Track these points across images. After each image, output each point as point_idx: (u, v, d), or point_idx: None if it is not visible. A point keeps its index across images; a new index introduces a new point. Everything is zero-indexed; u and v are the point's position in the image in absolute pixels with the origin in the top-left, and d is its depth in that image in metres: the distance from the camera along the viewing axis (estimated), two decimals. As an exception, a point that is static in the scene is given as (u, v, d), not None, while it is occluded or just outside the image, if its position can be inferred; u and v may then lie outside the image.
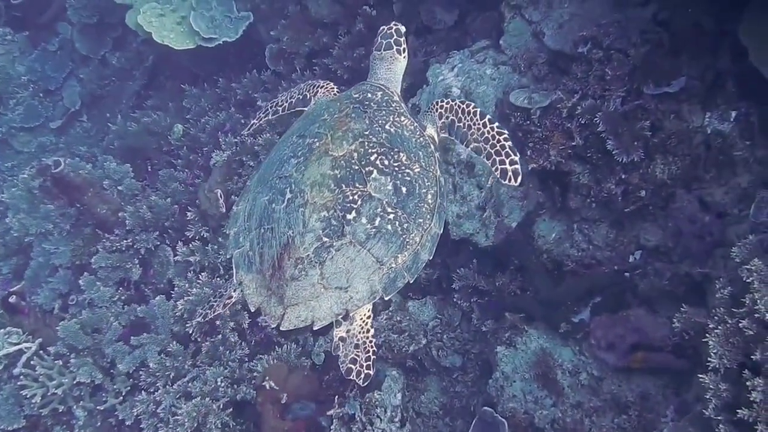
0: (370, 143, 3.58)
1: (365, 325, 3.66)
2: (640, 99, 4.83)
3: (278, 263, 3.43)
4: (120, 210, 6.78)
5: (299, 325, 3.43)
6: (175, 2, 7.79)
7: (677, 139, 4.76)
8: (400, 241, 3.48)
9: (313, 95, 4.39)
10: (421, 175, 3.63)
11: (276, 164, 3.74)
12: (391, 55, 4.22)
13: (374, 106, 3.81)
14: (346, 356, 3.61)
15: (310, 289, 3.40)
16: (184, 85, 8.13)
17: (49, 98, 9.94)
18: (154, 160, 7.69)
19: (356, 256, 3.41)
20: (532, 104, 5.07)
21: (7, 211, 7.41)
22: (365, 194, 3.45)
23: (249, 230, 3.67)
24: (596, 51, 5.03)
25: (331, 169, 3.50)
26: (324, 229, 3.39)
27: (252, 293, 3.57)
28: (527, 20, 5.56)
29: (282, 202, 3.51)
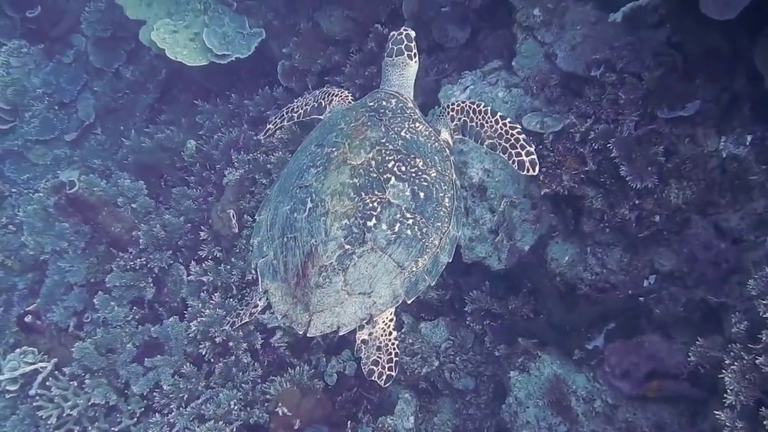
0: (387, 151, 3.64)
1: (387, 328, 3.70)
2: (653, 123, 4.79)
3: (302, 271, 3.48)
4: (134, 228, 6.81)
5: (325, 331, 3.50)
6: (188, 19, 7.81)
7: (692, 163, 4.72)
8: (420, 245, 3.53)
9: (328, 103, 4.44)
10: (438, 180, 3.68)
11: (296, 174, 3.79)
12: (403, 61, 4.24)
13: (389, 113, 3.87)
14: (368, 358, 3.62)
15: (335, 295, 3.46)
16: (197, 100, 8.14)
17: (63, 111, 9.98)
18: (168, 177, 7.70)
19: (378, 262, 3.46)
20: (545, 129, 5.03)
21: (23, 228, 7.45)
22: (384, 201, 3.50)
23: (272, 239, 3.73)
24: (609, 74, 4.99)
25: (350, 177, 3.55)
26: (346, 236, 3.44)
27: (278, 301, 3.62)
28: (539, 41, 5.52)
29: (304, 212, 3.56)
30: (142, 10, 8.17)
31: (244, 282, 6.28)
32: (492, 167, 5.32)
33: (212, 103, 8.10)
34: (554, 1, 5.43)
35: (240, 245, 6.37)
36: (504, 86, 5.53)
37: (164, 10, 8.08)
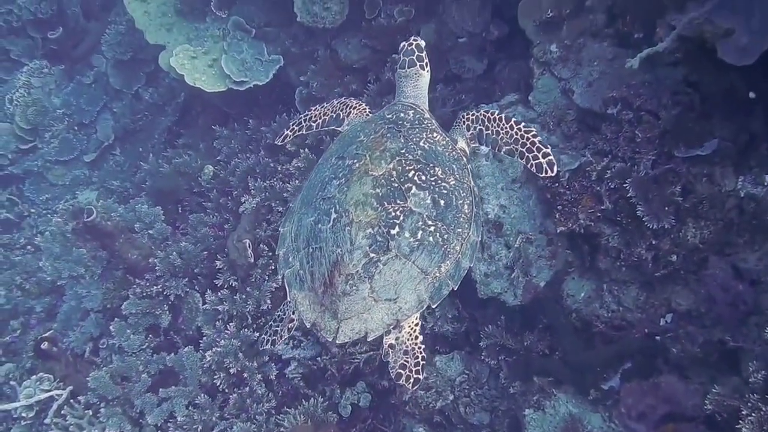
0: (407, 161, 3.76)
1: (413, 333, 3.82)
2: (670, 162, 4.77)
3: (329, 280, 3.59)
4: (150, 255, 6.85)
5: (354, 338, 3.61)
6: (207, 45, 7.86)
7: (709, 203, 4.68)
8: (442, 252, 3.67)
9: (346, 115, 4.60)
10: (457, 187, 3.81)
11: (318, 186, 3.91)
12: (416, 72, 4.38)
13: (407, 124, 4.00)
14: (395, 362, 3.76)
15: (362, 302, 3.57)
16: (215, 126, 8.17)
17: (83, 131, 10.10)
18: (185, 202, 7.75)
19: (402, 269, 3.58)
20: (561, 167, 5.02)
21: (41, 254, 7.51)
22: (406, 209, 3.62)
23: (297, 250, 3.84)
24: (626, 112, 4.98)
25: (372, 188, 3.66)
26: (370, 245, 3.55)
27: (306, 310, 3.74)
28: (556, 77, 5.51)
29: (328, 222, 3.67)
30: (162, 35, 8.23)
31: (259, 311, 6.29)
32: (508, 203, 5.31)
33: (230, 128, 8.14)
34: (571, 38, 5.42)
35: (255, 275, 6.39)
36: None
37: (184, 36, 8.14)
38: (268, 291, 6.25)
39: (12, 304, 7.94)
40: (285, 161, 7.20)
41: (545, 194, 5.15)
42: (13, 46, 10.71)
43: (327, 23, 7.06)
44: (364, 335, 3.61)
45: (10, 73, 10.64)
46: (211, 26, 8.05)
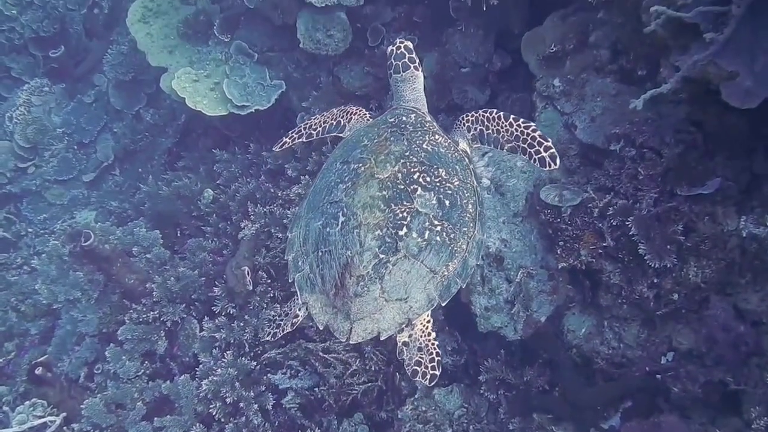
0: (411, 163, 3.85)
1: (426, 329, 3.89)
2: (673, 200, 4.76)
3: (341, 282, 3.67)
4: (148, 280, 6.80)
5: (366, 338, 3.69)
6: (209, 68, 7.87)
7: (711, 242, 4.67)
8: (449, 251, 3.75)
9: (347, 121, 4.70)
10: (461, 188, 3.91)
11: (324, 191, 3.99)
12: (411, 74, 4.43)
13: (410, 128, 4.10)
14: (410, 359, 3.82)
15: (373, 303, 3.65)
16: (216, 149, 8.15)
17: (82, 151, 10.06)
18: (184, 226, 7.70)
19: (411, 269, 3.66)
20: (563, 202, 5.00)
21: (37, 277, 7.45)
22: (413, 211, 3.70)
23: (306, 254, 3.92)
24: (629, 149, 4.98)
25: (378, 190, 3.75)
26: (380, 246, 3.64)
27: (318, 312, 3.83)
28: (559, 111, 5.53)
29: (336, 226, 3.76)
30: (164, 57, 8.24)
31: (257, 340, 6.24)
32: (509, 237, 5.29)
33: (230, 151, 8.12)
34: (575, 72, 5.43)
35: (254, 302, 6.34)
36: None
37: (186, 59, 8.15)
38: (267, 319, 6.17)
39: (6, 325, 7.86)
40: (285, 186, 7.17)
41: (547, 229, 5.13)
42: (14, 64, 10.71)
43: (330, 50, 7.09)
44: (377, 335, 3.69)
45: (11, 90, 10.63)
46: (213, 50, 8.06)
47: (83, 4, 10.69)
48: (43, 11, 10.58)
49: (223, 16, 7.90)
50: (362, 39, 7.21)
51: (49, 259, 7.29)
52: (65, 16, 10.58)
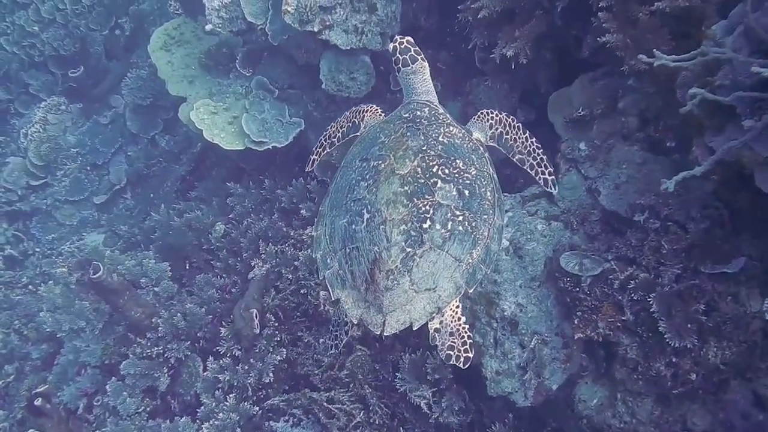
0: (429, 157, 3.98)
1: (455, 315, 4.02)
2: (696, 278, 4.63)
3: (371, 277, 3.78)
4: (154, 314, 6.71)
5: (399, 329, 3.79)
6: (229, 101, 7.82)
7: (733, 323, 4.54)
8: (472, 239, 3.88)
9: (360, 120, 4.80)
10: (478, 177, 4.06)
11: (346, 189, 4.10)
12: (420, 66, 4.53)
13: (425, 122, 4.22)
14: (443, 345, 3.96)
15: (404, 295, 3.76)
16: (230, 183, 8.08)
17: (95, 172, 10.06)
18: (193, 259, 7.62)
19: (437, 259, 3.79)
20: (583, 271, 4.90)
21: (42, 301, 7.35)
22: (435, 203, 3.83)
23: (334, 252, 4.03)
24: (653, 221, 4.87)
25: (400, 186, 3.88)
26: (406, 240, 3.76)
27: (351, 307, 3.92)
28: (583, 175, 5.43)
29: (362, 223, 3.88)
30: (184, 87, 8.21)
31: (260, 384, 6.14)
32: (525, 302, 5.19)
33: (244, 185, 8.04)
34: (601, 138, 5.35)
35: (260, 346, 6.23)
36: (544, 217, 5.42)
37: (206, 90, 8.12)
38: (272, 364, 6.09)
39: (8, 348, 7.78)
40: (298, 226, 7.10)
41: (565, 297, 5.02)
42: (33, 80, 10.78)
43: (352, 93, 7.04)
44: (409, 325, 3.78)
45: (28, 107, 10.68)
46: (234, 83, 8.03)
47: (105, 25, 10.76)
48: (65, 30, 10.67)
49: (245, 50, 7.87)
50: (385, 82, 7.17)
51: (55, 286, 7.20)
52: (86, 36, 10.66)
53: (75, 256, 8.77)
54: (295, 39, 7.10)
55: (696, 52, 3.92)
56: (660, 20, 4.70)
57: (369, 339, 6.13)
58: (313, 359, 6.19)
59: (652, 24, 4.71)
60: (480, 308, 5.30)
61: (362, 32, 6.80)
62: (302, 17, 6.65)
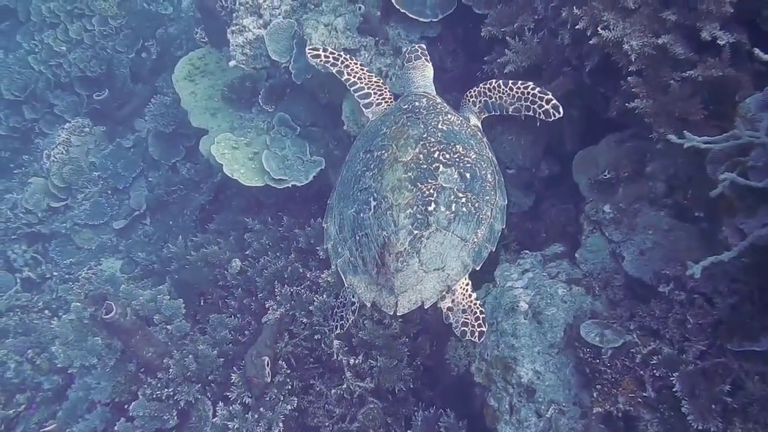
0: (430, 143, 4.19)
1: (466, 292, 4.20)
2: (722, 355, 4.47)
3: (381, 261, 3.98)
4: (166, 354, 6.63)
5: (412, 308, 3.99)
6: (250, 136, 7.74)
7: (760, 405, 4.34)
8: (476, 219, 4.09)
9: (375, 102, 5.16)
10: (478, 160, 4.25)
11: (352, 180, 4.33)
12: (422, 64, 4.95)
13: (424, 111, 4.45)
14: (457, 322, 4.15)
15: (414, 276, 3.96)
16: (248, 215, 7.99)
17: (116, 196, 10.02)
18: (208, 295, 7.52)
19: (444, 240, 3.98)
20: (604, 343, 4.74)
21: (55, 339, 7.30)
22: (438, 187, 4.03)
23: (345, 240, 4.25)
24: (679, 292, 4.71)
25: (404, 172, 4.08)
26: (413, 223, 3.95)
27: (363, 292, 4.13)
28: (607, 238, 5.28)
29: (369, 210, 4.08)
30: (206, 119, 8.16)
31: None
32: (543, 369, 5.03)
33: (263, 219, 7.94)
34: (627, 201, 5.20)
35: (271, 394, 6.12)
36: (565, 280, 5.26)
37: (228, 123, 8.05)
38: (282, 413, 5.98)
39: (20, 377, 7.74)
40: (315, 267, 6.99)
41: (584, 367, 4.86)
42: (58, 101, 10.81)
43: (374, 135, 6.92)
44: (421, 304, 3.98)
45: (53, 127, 10.71)
46: (256, 117, 7.96)
47: (132, 48, 10.77)
48: (92, 51, 10.69)
49: (269, 86, 7.79)
50: (407, 125, 7.04)
51: (68, 320, 7.13)
52: (113, 58, 10.67)
53: (92, 282, 8.73)
54: (318, 78, 7.01)
55: (728, 134, 3.77)
56: (692, 88, 4.56)
57: (382, 391, 6.01)
58: (324, 409, 6.07)
59: (683, 92, 4.56)
60: (496, 372, 5.16)
61: (386, 75, 6.71)
62: (326, 59, 6.56)
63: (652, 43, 4.62)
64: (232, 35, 7.37)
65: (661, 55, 4.64)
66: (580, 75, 5.33)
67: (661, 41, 4.55)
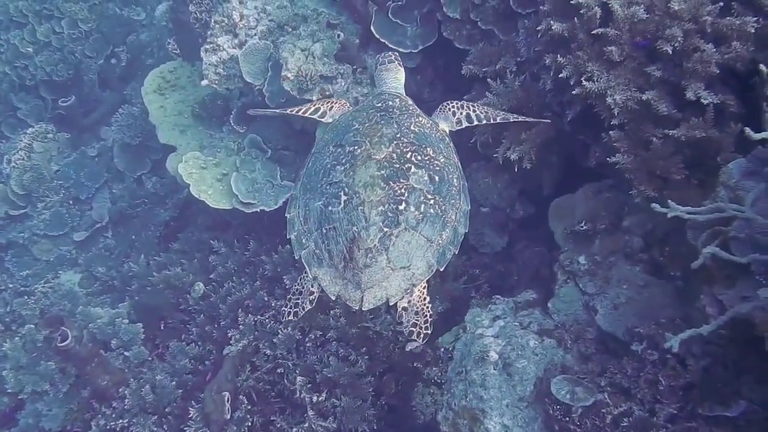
0: (403, 144, 4.23)
1: (422, 295, 4.20)
2: (693, 420, 4.39)
3: (349, 255, 3.97)
4: (122, 383, 6.42)
5: (377, 304, 4.01)
6: (220, 156, 7.55)
7: (729, 473, 4.30)
8: (442, 221, 4.12)
9: (328, 109, 5.04)
10: (446, 164, 4.31)
11: (320, 173, 4.30)
12: (395, 67, 5.02)
13: (397, 111, 4.49)
14: (408, 322, 4.15)
15: (381, 272, 3.97)
16: (214, 237, 7.78)
17: (77, 206, 9.73)
18: (169, 319, 7.30)
19: (411, 239, 4.01)
20: (575, 401, 4.64)
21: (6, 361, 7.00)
22: (409, 187, 4.06)
23: (310, 232, 4.21)
24: (651, 352, 4.63)
25: (377, 170, 4.09)
26: (383, 220, 3.97)
27: (328, 284, 4.10)
28: (581, 289, 5.20)
29: (339, 204, 4.07)
30: (175, 136, 7.96)
31: (226, 470, 5.83)
32: (512, 424, 4.91)
33: (228, 242, 7.72)
34: (602, 254, 5.12)
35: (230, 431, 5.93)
36: (536, 331, 5.16)
37: (197, 141, 7.86)
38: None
39: (-35, 398, 7.44)
40: (280, 296, 6.81)
41: (553, 424, 4.75)
42: (22, 104, 10.47)
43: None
44: (386, 301, 4.00)
45: (15, 130, 10.39)
46: (226, 137, 7.77)
47: (101, 54, 10.53)
48: (60, 54, 10.37)
49: (241, 105, 7.58)
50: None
51: (22, 345, 6.85)
52: (81, 63, 10.42)
53: (48, 297, 8.46)
54: (292, 103, 6.82)
55: (713, 207, 3.71)
56: (674, 146, 4.48)
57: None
58: (284, 447, 5.89)
59: (665, 149, 4.48)
60: (463, 422, 5.04)
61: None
62: (302, 85, 6.44)
63: (636, 98, 4.54)
64: (206, 54, 7.17)
65: (644, 110, 4.56)
66: (561, 122, 5.24)
67: (645, 97, 4.47)
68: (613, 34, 4.59)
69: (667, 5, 4.45)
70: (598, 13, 4.64)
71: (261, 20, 7.15)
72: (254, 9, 7.17)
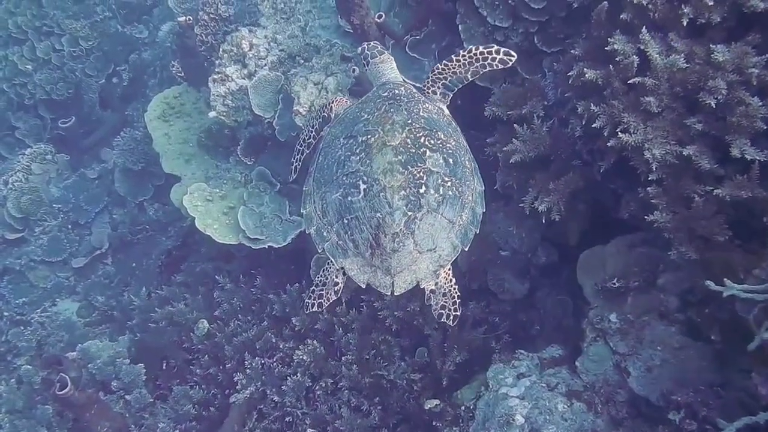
0: (415, 129, 4.24)
1: (448, 277, 4.25)
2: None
3: (375, 242, 4.01)
4: (123, 430, 6.11)
5: (408, 288, 4.08)
6: (226, 188, 7.26)
7: None
8: (460, 202, 4.16)
9: (330, 112, 4.98)
10: (457, 147, 4.35)
11: (334, 165, 4.29)
12: (387, 57, 4.97)
13: (405, 99, 4.46)
14: (437, 304, 4.21)
15: (409, 256, 4.02)
16: (219, 272, 7.49)
17: (76, 231, 9.44)
18: (171, 359, 7.01)
19: (435, 222, 4.05)
20: (608, 474, 4.37)
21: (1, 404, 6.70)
22: (427, 170, 4.08)
23: (330, 224, 4.22)
24: (690, 422, 4.35)
25: (394, 156, 4.10)
26: (406, 205, 3.99)
27: (357, 273, 4.15)
28: (611, 349, 4.91)
29: (358, 194, 4.07)
30: (179, 165, 7.69)
31: None
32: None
33: (234, 277, 7.44)
34: (636, 313, 4.84)
35: (234, 486, 5.65)
36: (564, 393, 4.88)
37: (202, 171, 7.58)
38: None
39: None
40: (289, 337, 6.52)
41: (583, 499, 4.49)
42: (20, 123, 10.22)
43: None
44: (416, 284, 4.08)
45: (12, 150, 10.13)
46: (233, 168, 7.49)
47: (102, 72, 10.29)
48: (60, 73, 10.11)
49: (249, 137, 7.30)
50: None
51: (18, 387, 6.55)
52: (81, 82, 10.15)
53: (45, 327, 8.17)
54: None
55: (772, 286, 3.42)
56: (716, 205, 4.20)
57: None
58: (291, 504, 5.62)
59: (707, 208, 4.20)
60: (487, 490, 4.76)
61: (376, 140, 6.29)
62: (314, 120, 6.13)
63: (675, 151, 4.26)
64: (214, 84, 6.90)
65: (684, 165, 4.29)
66: (591, 170, 4.98)
67: (687, 152, 4.19)
68: (651, 84, 4.33)
69: (709, 55, 4.18)
70: (635, 61, 4.38)
71: (271, 50, 6.89)
72: (264, 38, 6.92)
